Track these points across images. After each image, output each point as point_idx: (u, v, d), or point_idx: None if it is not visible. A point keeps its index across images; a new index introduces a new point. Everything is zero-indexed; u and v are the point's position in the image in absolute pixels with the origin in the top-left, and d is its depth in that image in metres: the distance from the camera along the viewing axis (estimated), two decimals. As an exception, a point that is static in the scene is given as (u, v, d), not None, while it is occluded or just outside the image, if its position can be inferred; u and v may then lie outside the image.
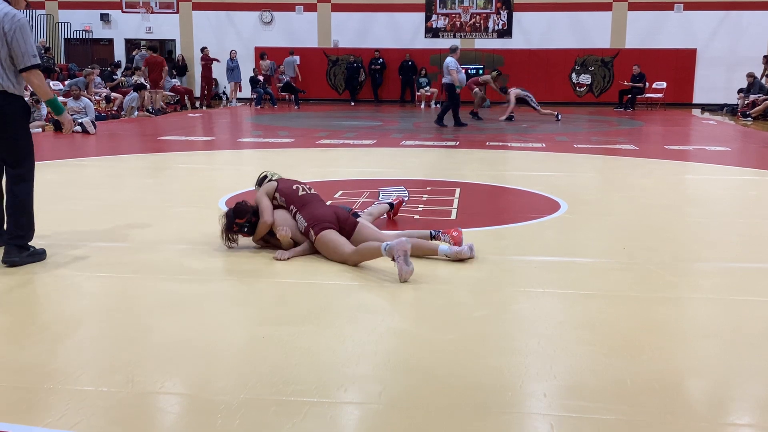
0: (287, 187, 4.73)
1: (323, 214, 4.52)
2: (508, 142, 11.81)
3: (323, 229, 4.41)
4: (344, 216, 4.61)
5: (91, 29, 23.95)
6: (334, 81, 23.66)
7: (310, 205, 4.59)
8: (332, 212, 4.58)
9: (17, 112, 4.36)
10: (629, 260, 4.48)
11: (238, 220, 4.58)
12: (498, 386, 2.68)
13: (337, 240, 4.36)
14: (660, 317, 3.49)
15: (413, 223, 5.43)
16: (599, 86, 22.69)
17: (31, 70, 4.28)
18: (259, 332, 3.23)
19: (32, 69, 4.29)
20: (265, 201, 4.64)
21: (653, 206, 6.31)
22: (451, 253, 4.38)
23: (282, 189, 4.71)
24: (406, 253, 3.97)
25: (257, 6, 23.48)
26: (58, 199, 6.27)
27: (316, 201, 4.68)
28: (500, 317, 3.46)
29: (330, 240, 4.37)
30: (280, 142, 11.63)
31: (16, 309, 3.60)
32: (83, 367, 2.84)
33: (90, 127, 12.68)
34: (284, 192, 4.70)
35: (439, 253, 4.40)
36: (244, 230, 4.60)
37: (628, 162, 9.41)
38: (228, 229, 4.61)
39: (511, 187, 7.27)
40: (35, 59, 4.30)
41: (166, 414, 2.51)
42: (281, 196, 4.69)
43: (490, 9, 22.53)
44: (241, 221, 4.58)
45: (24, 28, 4.28)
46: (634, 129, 14.83)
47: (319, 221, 4.46)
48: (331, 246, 4.36)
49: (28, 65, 4.26)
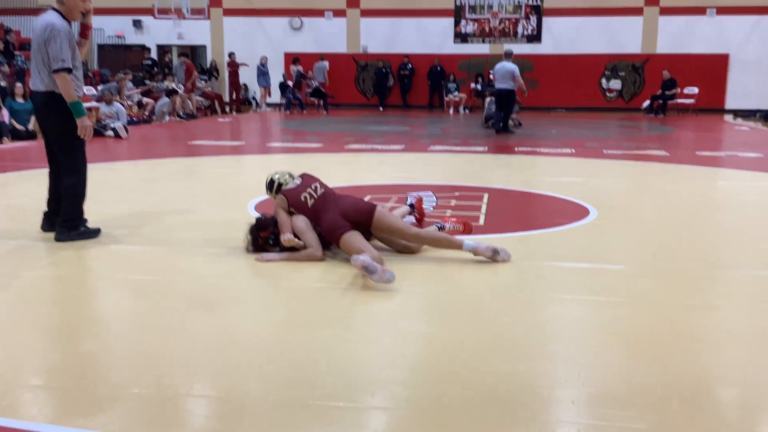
0: (296, 200, 4.69)
1: (332, 222, 4.48)
2: (537, 147, 11.76)
3: (341, 235, 4.42)
4: (354, 208, 4.57)
5: (123, 35, 24.30)
6: (363, 86, 23.72)
7: (322, 214, 4.57)
8: (339, 214, 4.52)
9: (63, 110, 4.90)
10: (659, 267, 4.44)
11: (263, 233, 4.64)
12: (526, 392, 2.67)
13: (352, 245, 4.34)
14: (690, 324, 3.45)
15: (441, 229, 5.42)
16: (630, 92, 22.48)
17: (58, 72, 4.81)
18: (286, 335, 3.25)
19: (59, 72, 4.80)
20: (282, 215, 4.66)
21: (684, 213, 6.24)
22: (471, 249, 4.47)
23: (293, 203, 4.70)
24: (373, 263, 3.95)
25: (287, 12, 23.64)
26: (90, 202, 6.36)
27: (325, 206, 4.61)
28: (528, 323, 3.45)
29: (348, 245, 4.37)
30: (308, 146, 11.70)
31: (47, 309, 3.67)
32: (114, 368, 2.88)
33: (122, 131, 12.86)
34: (295, 206, 4.70)
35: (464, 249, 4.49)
36: (269, 243, 4.65)
37: (658, 168, 9.31)
38: (254, 243, 4.67)
39: (539, 193, 7.23)
40: (62, 63, 4.80)
41: (195, 416, 2.54)
42: (294, 209, 4.72)
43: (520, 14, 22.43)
44: (265, 234, 4.64)
45: (56, 35, 4.80)
46: (665, 135, 14.68)
47: (332, 230, 4.46)
48: (349, 251, 4.34)
49: (54, 68, 4.81)
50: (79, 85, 5.02)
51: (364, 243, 4.37)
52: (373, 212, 4.55)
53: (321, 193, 4.72)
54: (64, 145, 4.99)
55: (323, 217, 4.56)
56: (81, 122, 4.91)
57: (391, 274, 3.91)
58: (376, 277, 3.89)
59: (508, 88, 13.66)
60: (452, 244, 4.58)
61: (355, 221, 4.50)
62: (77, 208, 5.07)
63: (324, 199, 4.67)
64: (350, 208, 4.59)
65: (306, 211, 4.65)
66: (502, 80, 13.66)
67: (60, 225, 5.01)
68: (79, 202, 5.09)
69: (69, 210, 5.03)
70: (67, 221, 5.01)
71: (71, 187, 5.04)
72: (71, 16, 5.02)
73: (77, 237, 4.99)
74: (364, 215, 4.55)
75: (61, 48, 4.80)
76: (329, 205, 4.62)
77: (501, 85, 13.70)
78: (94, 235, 5.08)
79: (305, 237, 4.53)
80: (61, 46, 4.80)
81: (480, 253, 4.47)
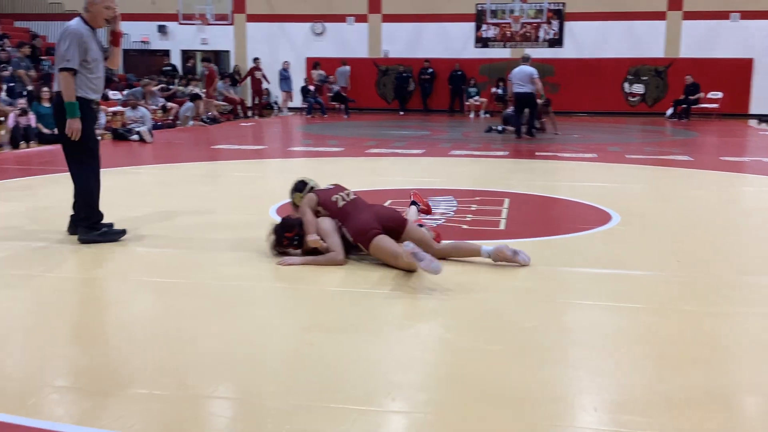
0: (327, 200, 4.73)
1: (365, 223, 4.51)
2: (559, 152, 11.70)
3: (372, 237, 4.43)
4: (387, 215, 4.63)
5: (148, 40, 24.55)
6: (384, 90, 23.75)
7: (351, 217, 4.59)
8: (373, 216, 4.56)
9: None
10: (682, 273, 4.40)
11: (287, 234, 4.64)
12: (547, 399, 2.67)
13: (388, 247, 4.37)
14: (713, 331, 3.42)
15: (461, 233, 5.42)
16: (653, 96, 22.31)
17: (61, 71, 4.92)
18: (307, 339, 3.27)
19: (62, 71, 4.92)
20: (308, 215, 4.64)
21: (708, 218, 6.18)
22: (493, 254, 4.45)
23: (323, 202, 4.73)
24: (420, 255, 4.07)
25: (309, 17, 23.76)
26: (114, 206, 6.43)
27: (356, 209, 4.65)
28: (549, 329, 3.44)
29: (380, 247, 4.39)
30: (329, 151, 11.74)
31: (71, 312, 3.72)
32: (137, 370, 2.91)
33: (147, 135, 12.99)
34: (325, 205, 4.72)
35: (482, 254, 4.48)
36: (294, 243, 4.66)
37: (682, 173, 9.24)
38: (278, 244, 4.67)
39: (561, 198, 7.21)
40: (66, 63, 4.91)
41: (218, 418, 2.57)
42: (323, 208, 4.73)
43: (542, 18, 22.35)
44: (290, 235, 4.64)
45: (66, 36, 4.94)
46: (688, 140, 14.55)
47: (364, 231, 4.47)
48: (382, 254, 4.39)
49: (59, 67, 4.94)
50: (94, 88, 5.08)
51: (397, 245, 4.36)
52: (405, 223, 4.61)
53: (352, 199, 4.76)
54: (79, 146, 5.05)
55: (355, 218, 4.56)
56: (70, 122, 4.95)
57: (437, 265, 4.00)
58: (424, 264, 3.98)
59: (526, 92, 13.54)
60: (472, 251, 4.59)
61: (387, 227, 4.52)
62: (90, 209, 5.13)
63: (354, 204, 4.71)
64: (384, 213, 4.66)
65: (335, 211, 4.66)
66: (520, 84, 13.55)
67: (81, 227, 5.11)
68: (90, 202, 5.14)
69: (84, 211, 5.12)
70: (84, 222, 5.11)
71: (83, 188, 5.13)
72: (95, 24, 5.10)
73: (99, 238, 5.06)
74: (397, 223, 4.59)
75: (68, 48, 4.89)
76: (361, 208, 4.67)
77: (519, 89, 13.56)
78: (117, 237, 5.14)
79: (330, 239, 4.54)
80: (68, 46, 4.89)
81: (500, 257, 4.45)
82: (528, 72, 13.50)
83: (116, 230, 5.20)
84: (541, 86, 13.84)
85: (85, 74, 5.02)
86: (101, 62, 5.17)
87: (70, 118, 4.94)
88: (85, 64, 5.00)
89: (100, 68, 5.14)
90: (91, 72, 5.05)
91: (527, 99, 13.67)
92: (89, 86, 5.06)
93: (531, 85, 13.50)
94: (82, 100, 4.99)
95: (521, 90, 13.57)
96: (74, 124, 4.95)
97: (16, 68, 15.25)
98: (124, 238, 5.16)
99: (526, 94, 13.57)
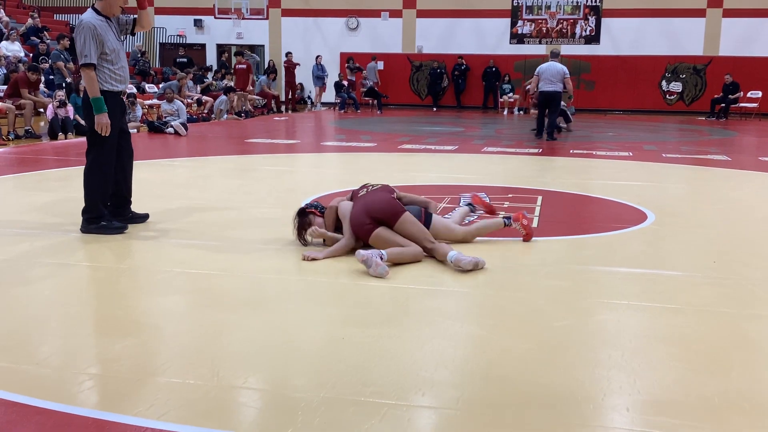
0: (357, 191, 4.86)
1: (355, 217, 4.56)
2: (593, 150, 11.58)
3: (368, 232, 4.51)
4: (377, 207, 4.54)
5: (184, 34, 24.81)
6: (417, 86, 23.72)
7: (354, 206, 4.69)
8: (362, 210, 4.56)
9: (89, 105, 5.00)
10: (719, 274, 4.33)
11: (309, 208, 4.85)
12: (579, 398, 2.64)
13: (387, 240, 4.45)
14: (751, 334, 3.36)
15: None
16: (690, 95, 21.97)
17: (83, 68, 4.90)
18: (339, 332, 3.28)
19: (83, 67, 4.90)
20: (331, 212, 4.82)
21: (745, 219, 6.07)
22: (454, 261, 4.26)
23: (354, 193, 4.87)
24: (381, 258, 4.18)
25: (343, 12, 23.81)
26: (151, 197, 6.52)
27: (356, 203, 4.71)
28: (582, 328, 3.40)
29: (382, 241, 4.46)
30: (362, 146, 11.75)
31: (106, 302, 3.77)
32: (171, 359, 2.95)
33: (181, 129, 13.13)
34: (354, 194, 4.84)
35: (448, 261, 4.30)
36: (319, 210, 4.85)
37: (719, 173, 9.08)
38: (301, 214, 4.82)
39: (595, 197, 7.13)
40: (85, 59, 4.87)
41: (249, 408, 2.58)
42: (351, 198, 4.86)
43: (578, 15, 22.14)
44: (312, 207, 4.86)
45: (80, 31, 4.88)
46: (726, 139, 14.30)
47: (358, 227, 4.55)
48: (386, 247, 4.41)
49: (80, 63, 4.92)
50: (119, 79, 5.06)
51: (396, 237, 4.47)
52: (399, 214, 4.54)
53: (373, 189, 4.79)
54: (90, 138, 5.09)
55: (352, 213, 4.63)
56: (98, 119, 4.92)
57: (383, 269, 4.10)
58: (372, 270, 4.11)
59: (556, 90, 12.86)
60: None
61: (376, 219, 4.54)
62: (95, 204, 5.11)
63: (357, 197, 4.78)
64: (375, 206, 4.56)
65: (355, 198, 4.80)
66: (550, 82, 12.77)
67: (83, 217, 5.12)
68: (88, 196, 5.12)
69: (87, 204, 5.12)
70: (86, 213, 5.11)
71: (87, 181, 5.14)
72: (110, 12, 5.01)
73: (96, 231, 5.03)
74: (387, 215, 4.54)
75: (84, 43, 4.84)
76: (356, 201, 4.71)
77: (548, 87, 12.83)
78: (118, 231, 5.07)
79: (346, 223, 4.65)
80: (84, 41, 4.84)
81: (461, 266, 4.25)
82: (559, 69, 12.80)
83: (116, 225, 5.12)
84: (571, 87, 13.18)
85: (107, 66, 4.97)
86: (121, 50, 5.11)
87: (97, 114, 4.92)
88: (104, 57, 4.94)
89: (121, 57, 5.08)
90: (112, 63, 5.00)
91: (554, 98, 12.98)
92: (113, 77, 5.02)
93: (560, 83, 12.80)
94: (108, 93, 4.97)
95: (550, 88, 12.84)
96: (102, 119, 4.92)
97: (55, 60, 15.51)
98: (158, 230, 5.22)
99: (556, 93, 12.90)
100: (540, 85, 13.00)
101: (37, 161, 9.42)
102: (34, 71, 13.06)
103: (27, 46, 16.59)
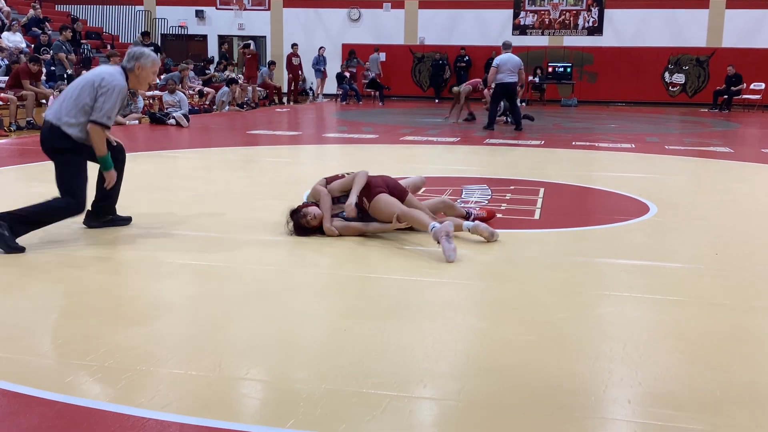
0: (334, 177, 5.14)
1: (374, 182, 4.87)
2: (595, 141, 11.56)
3: (377, 194, 4.78)
4: (393, 184, 4.96)
5: (186, 25, 24.76)
6: (419, 78, 23.67)
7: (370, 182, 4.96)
8: (381, 180, 4.93)
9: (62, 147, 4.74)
10: (721, 267, 4.32)
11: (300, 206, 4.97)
12: (580, 390, 2.64)
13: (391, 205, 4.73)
14: (753, 327, 3.36)
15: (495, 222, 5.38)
16: (693, 86, 21.91)
17: (97, 125, 4.67)
18: (340, 324, 3.28)
19: (99, 125, 4.67)
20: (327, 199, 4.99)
21: (748, 211, 6.06)
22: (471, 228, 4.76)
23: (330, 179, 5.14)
24: (448, 234, 4.31)
25: (346, 3, 23.74)
26: (153, 188, 6.53)
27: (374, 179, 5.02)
28: (583, 320, 3.40)
29: (381, 203, 4.74)
30: (364, 137, 11.74)
31: (108, 293, 3.77)
32: (173, 350, 2.95)
33: (183, 120, 13.12)
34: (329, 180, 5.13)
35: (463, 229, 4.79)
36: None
37: (722, 165, 9.06)
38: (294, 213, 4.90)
39: (597, 188, 7.12)
40: (105, 120, 4.69)
41: (252, 400, 2.59)
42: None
43: (581, 6, 22.07)
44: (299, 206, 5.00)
45: (114, 91, 4.70)
46: (729, 131, 14.27)
47: (372, 186, 4.82)
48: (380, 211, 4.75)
49: (97, 120, 4.66)
50: None
51: (398, 207, 4.71)
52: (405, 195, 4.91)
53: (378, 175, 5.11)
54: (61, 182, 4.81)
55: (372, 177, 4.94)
56: (109, 175, 4.88)
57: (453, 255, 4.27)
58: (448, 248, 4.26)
59: (514, 81, 13.21)
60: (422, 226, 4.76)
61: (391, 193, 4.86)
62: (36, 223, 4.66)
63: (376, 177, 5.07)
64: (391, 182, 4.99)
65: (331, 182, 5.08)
66: (510, 73, 13.09)
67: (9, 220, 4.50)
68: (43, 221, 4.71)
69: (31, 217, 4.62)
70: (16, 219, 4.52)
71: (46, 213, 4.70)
72: (134, 85, 4.94)
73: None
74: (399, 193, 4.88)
75: (114, 105, 4.70)
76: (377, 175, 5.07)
77: (509, 78, 13.13)
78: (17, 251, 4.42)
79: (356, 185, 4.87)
80: (114, 102, 4.70)
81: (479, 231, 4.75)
82: (518, 61, 13.26)
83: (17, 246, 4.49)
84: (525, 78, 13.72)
85: None
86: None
87: (106, 171, 4.87)
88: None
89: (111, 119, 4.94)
90: None
91: (512, 89, 13.34)
92: None
93: (517, 74, 13.18)
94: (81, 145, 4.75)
95: (511, 79, 13.16)
96: (111, 175, 4.89)
97: (57, 52, 15.49)
98: (160, 221, 5.22)
99: (514, 84, 13.23)
100: (499, 77, 13.20)
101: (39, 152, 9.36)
102: (36, 62, 13.04)
103: (29, 37, 16.56)
